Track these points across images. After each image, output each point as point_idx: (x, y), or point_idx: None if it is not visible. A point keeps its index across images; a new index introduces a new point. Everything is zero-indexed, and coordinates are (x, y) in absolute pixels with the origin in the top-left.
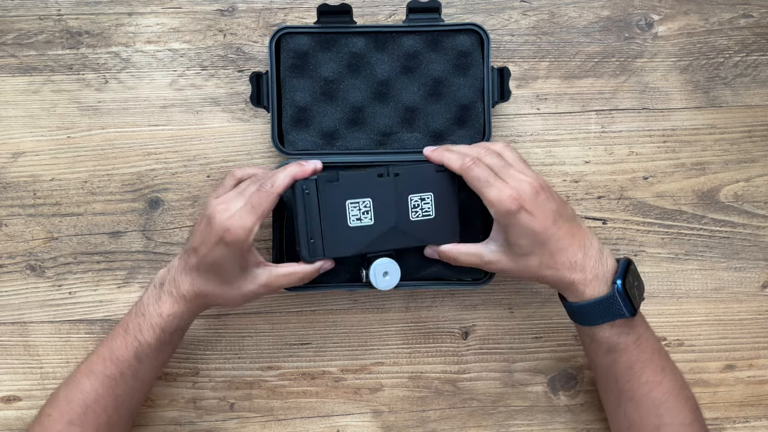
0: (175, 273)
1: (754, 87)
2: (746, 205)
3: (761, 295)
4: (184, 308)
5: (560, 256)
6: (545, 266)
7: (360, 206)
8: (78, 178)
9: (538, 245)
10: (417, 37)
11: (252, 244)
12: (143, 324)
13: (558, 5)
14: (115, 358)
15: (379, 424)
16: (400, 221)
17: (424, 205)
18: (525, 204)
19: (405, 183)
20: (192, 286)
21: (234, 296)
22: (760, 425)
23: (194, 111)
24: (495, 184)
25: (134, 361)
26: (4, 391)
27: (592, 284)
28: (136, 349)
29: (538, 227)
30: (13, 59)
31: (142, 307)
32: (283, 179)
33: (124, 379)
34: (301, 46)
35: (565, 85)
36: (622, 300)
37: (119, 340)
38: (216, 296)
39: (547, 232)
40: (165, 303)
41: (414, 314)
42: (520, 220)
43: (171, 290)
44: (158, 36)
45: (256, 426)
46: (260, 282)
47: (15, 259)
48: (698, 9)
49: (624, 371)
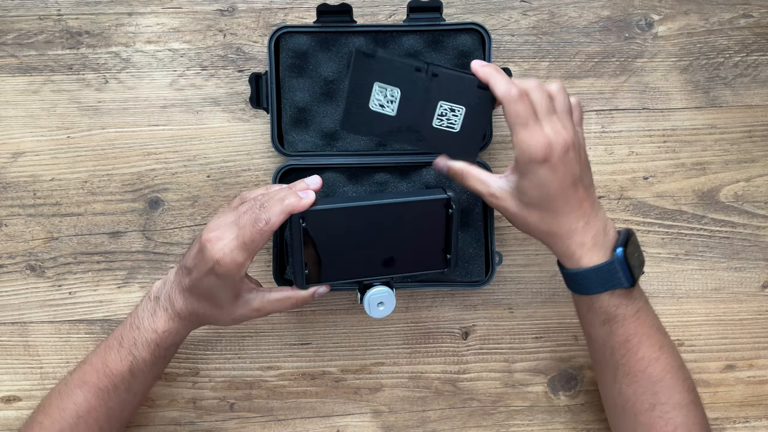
0: (170, 289)
1: (754, 87)
2: (746, 205)
3: (761, 295)
4: (179, 325)
5: (563, 219)
6: (545, 223)
7: (387, 93)
8: (78, 178)
9: (545, 201)
10: (418, 37)
11: (243, 275)
12: (138, 338)
13: (558, 5)
14: (109, 372)
15: (379, 424)
16: (421, 123)
17: (452, 116)
18: (552, 158)
19: (440, 87)
20: (185, 305)
21: (226, 319)
22: (760, 425)
23: (194, 111)
24: (530, 126)
25: (128, 375)
26: (4, 391)
27: (590, 252)
28: (131, 363)
29: (555, 186)
30: (13, 59)
31: (137, 320)
32: (278, 216)
33: (117, 392)
34: (300, 46)
35: (565, 85)
36: (622, 269)
37: (113, 353)
38: (208, 317)
39: (560, 192)
40: (160, 319)
41: (414, 314)
42: (540, 172)
43: (166, 306)
44: (158, 36)
45: (256, 426)
46: (252, 307)
47: (15, 259)
48: (698, 9)
49: (620, 344)
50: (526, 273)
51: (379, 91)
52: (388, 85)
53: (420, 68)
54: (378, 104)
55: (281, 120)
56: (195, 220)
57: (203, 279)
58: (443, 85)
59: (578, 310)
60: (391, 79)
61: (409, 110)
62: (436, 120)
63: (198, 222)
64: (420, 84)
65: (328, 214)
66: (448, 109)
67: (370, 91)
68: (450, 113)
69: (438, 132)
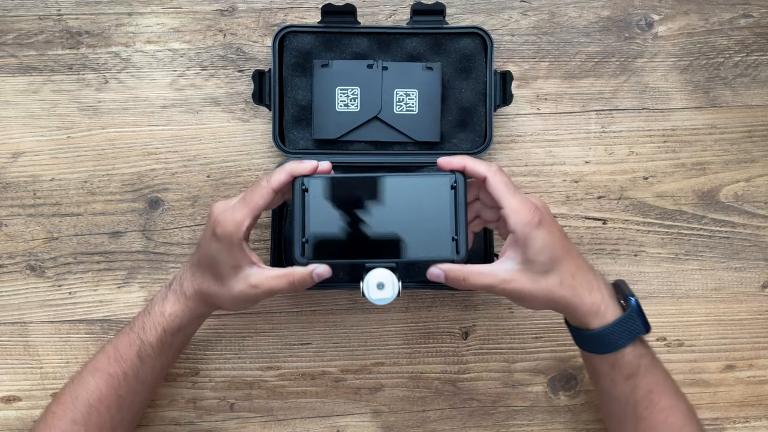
0: (181, 271)
1: (754, 87)
2: (746, 205)
3: (761, 295)
4: (185, 306)
5: (580, 276)
6: (566, 285)
7: (348, 93)
8: (78, 178)
9: (557, 263)
10: (420, 40)
11: (243, 240)
12: (147, 322)
13: (558, 5)
14: (119, 357)
15: (379, 424)
16: (385, 112)
17: (408, 100)
18: (544, 218)
19: (392, 77)
20: (192, 282)
21: (226, 296)
22: (760, 425)
23: (194, 111)
24: (517, 193)
25: (136, 360)
26: (4, 391)
27: (609, 305)
28: (139, 347)
29: (557, 245)
30: (13, 59)
31: (150, 305)
32: (279, 175)
33: (127, 379)
34: (304, 46)
35: (565, 85)
36: (639, 316)
37: (124, 338)
38: (210, 295)
39: (563, 250)
40: (168, 301)
41: (414, 314)
42: (541, 234)
43: (176, 288)
44: (158, 36)
45: (256, 426)
46: (250, 282)
47: (15, 259)
48: (698, 9)
49: (643, 397)
50: None
51: (341, 93)
52: (348, 86)
53: (371, 65)
54: (343, 105)
55: (283, 118)
56: (195, 220)
57: (207, 246)
58: (394, 74)
59: (598, 371)
60: (349, 80)
61: (371, 103)
62: (396, 106)
63: (198, 222)
64: (374, 78)
65: (331, 183)
66: (404, 95)
67: (333, 95)
68: (406, 98)
69: (400, 117)
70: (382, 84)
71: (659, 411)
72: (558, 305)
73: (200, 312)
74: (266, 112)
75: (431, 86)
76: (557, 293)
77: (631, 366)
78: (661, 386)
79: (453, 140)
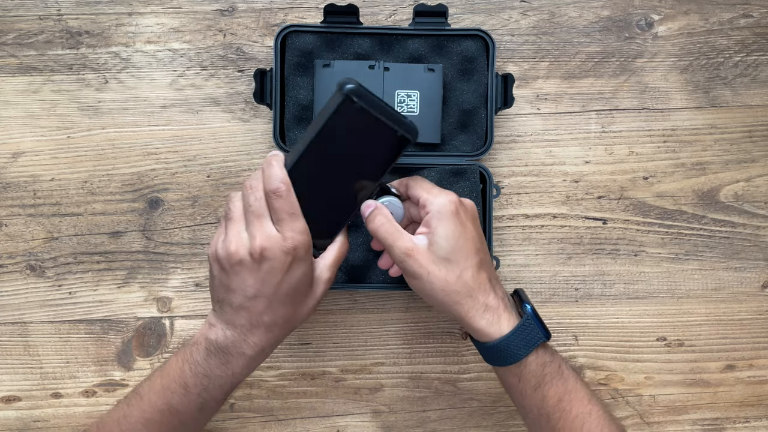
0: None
1: (754, 87)
2: (746, 205)
3: (761, 295)
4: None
5: (480, 279)
6: (463, 282)
7: None
8: (78, 178)
9: (460, 255)
10: (422, 41)
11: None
12: (209, 385)
13: (558, 5)
14: (175, 412)
15: (379, 424)
16: None
17: (410, 101)
18: (461, 211)
19: (394, 78)
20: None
21: (309, 308)
22: (760, 425)
23: (194, 111)
24: (442, 189)
25: (197, 413)
26: (4, 391)
27: (506, 314)
28: (201, 404)
29: (467, 239)
30: (13, 59)
31: (205, 369)
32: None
33: (184, 425)
34: (306, 45)
35: (565, 85)
36: (537, 323)
37: (178, 398)
38: (296, 319)
39: (471, 248)
40: (237, 365)
41: (414, 314)
42: (452, 223)
43: (241, 352)
44: (158, 36)
45: (256, 426)
46: (325, 278)
47: (15, 259)
48: (698, 9)
49: (554, 407)
50: (526, 273)
51: None
52: None
53: (372, 65)
54: None
55: (284, 117)
56: (195, 220)
57: (287, 279)
58: (396, 75)
59: (508, 384)
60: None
61: None
62: (397, 107)
63: (198, 222)
64: (376, 79)
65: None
66: (405, 96)
67: None
68: (408, 99)
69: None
70: (383, 85)
71: (572, 419)
72: (449, 299)
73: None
74: (266, 112)
75: (432, 88)
76: (452, 286)
77: (536, 376)
78: (570, 394)
79: (453, 142)
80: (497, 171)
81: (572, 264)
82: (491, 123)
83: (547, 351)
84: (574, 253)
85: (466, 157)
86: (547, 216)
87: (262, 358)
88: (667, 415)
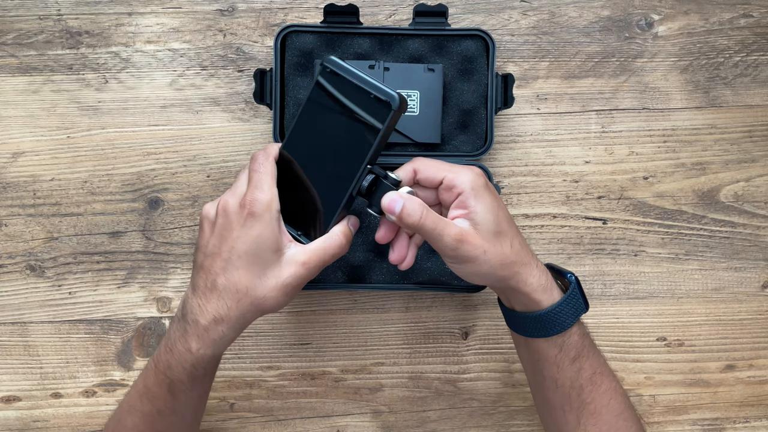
0: (195, 298)
1: (754, 87)
2: (746, 205)
3: (761, 295)
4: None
5: (525, 249)
6: (516, 251)
7: None
8: (78, 178)
9: (505, 226)
10: (422, 41)
11: (279, 212)
12: (171, 361)
13: (558, 5)
14: (151, 395)
15: (379, 424)
16: None
17: (409, 101)
18: (487, 182)
19: (394, 78)
20: (220, 302)
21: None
22: (760, 425)
23: (194, 111)
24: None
25: (169, 397)
26: (4, 391)
27: (554, 283)
28: (169, 386)
29: (503, 210)
30: (13, 59)
31: (169, 342)
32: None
33: (162, 415)
34: (306, 45)
35: (565, 85)
36: (581, 293)
37: (151, 377)
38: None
39: (509, 219)
40: (191, 337)
41: (414, 314)
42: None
43: (195, 318)
44: (158, 36)
45: (256, 426)
46: (299, 260)
47: (15, 259)
48: (698, 9)
49: (588, 380)
50: None
51: None
52: None
53: (372, 65)
54: None
55: (284, 117)
56: (195, 220)
57: (243, 235)
58: (396, 75)
59: (543, 357)
60: None
61: None
62: None
63: (198, 222)
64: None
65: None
66: (405, 96)
67: None
68: (408, 99)
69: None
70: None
71: (602, 394)
72: (509, 271)
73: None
74: (266, 112)
75: (432, 88)
76: (510, 257)
77: (576, 347)
78: (602, 367)
79: (453, 142)
80: (497, 171)
81: (572, 264)
82: (491, 123)
83: (584, 325)
84: (574, 253)
85: (466, 157)
86: (547, 216)
87: (217, 335)
88: (667, 415)
